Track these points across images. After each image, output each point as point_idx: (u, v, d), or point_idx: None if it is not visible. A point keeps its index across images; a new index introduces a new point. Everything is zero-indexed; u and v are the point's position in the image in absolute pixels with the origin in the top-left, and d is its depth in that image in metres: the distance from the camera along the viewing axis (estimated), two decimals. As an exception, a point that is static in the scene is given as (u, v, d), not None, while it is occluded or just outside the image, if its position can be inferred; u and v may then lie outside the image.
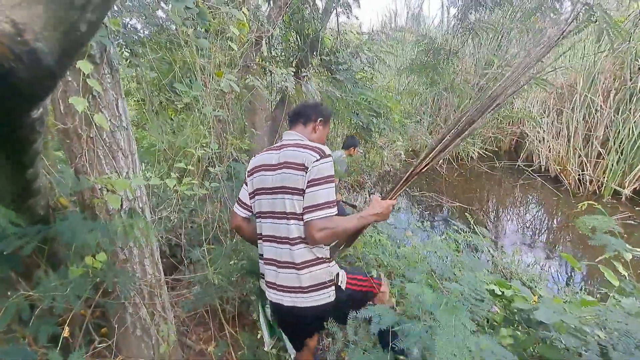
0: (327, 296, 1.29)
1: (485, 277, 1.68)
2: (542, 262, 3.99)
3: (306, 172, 1.21)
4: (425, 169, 1.50)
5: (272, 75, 2.30)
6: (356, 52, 4.25)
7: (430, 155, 1.48)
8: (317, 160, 1.21)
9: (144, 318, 1.62)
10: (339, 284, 1.33)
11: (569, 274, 3.85)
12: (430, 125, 8.72)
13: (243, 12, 1.87)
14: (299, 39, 4.06)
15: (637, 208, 4.95)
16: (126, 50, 2.68)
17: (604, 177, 5.49)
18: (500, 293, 1.60)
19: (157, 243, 1.74)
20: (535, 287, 2.79)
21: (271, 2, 3.01)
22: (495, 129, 7.99)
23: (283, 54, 4.29)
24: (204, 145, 1.80)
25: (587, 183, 5.71)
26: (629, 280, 1.34)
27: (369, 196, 5.59)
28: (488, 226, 4.88)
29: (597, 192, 5.57)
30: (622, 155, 5.30)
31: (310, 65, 4.04)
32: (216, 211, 2.20)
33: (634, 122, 5.14)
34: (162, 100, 2.80)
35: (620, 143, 5.32)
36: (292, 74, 2.44)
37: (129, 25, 2.75)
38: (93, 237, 1.30)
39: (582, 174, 5.78)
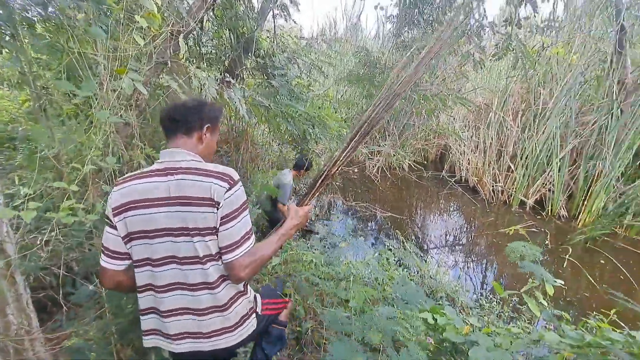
0: (251, 325, 1.20)
1: (421, 307, 1.65)
2: (461, 266, 4.28)
3: (217, 208, 0.99)
4: (337, 171, 1.60)
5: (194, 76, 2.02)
6: (293, 57, 4.10)
7: (340, 158, 1.57)
8: (228, 191, 1.00)
9: (3, 382, 1.24)
10: (256, 309, 1.26)
11: (483, 274, 4.20)
12: (365, 133, 8.94)
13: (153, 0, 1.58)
14: (232, 37, 3.78)
15: (538, 217, 5.62)
16: (4, 32, 2.16)
17: (513, 189, 6.14)
18: (433, 321, 1.57)
19: (27, 282, 1.37)
20: (459, 299, 2.93)
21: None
22: (423, 141, 8.50)
23: (214, 52, 3.96)
24: (97, 157, 1.47)
25: (500, 194, 6.33)
26: (549, 310, 1.38)
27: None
28: (417, 233, 5.10)
29: (507, 202, 6.20)
30: (527, 169, 5.98)
31: (244, 67, 3.79)
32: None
33: (537, 140, 5.83)
34: (55, 96, 2.31)
35: (526, 158, 6.00)
36: (218, 77, 2.18)
37: (12, 3, 2.23)
38: None
39: (495, 185, 6.40)
